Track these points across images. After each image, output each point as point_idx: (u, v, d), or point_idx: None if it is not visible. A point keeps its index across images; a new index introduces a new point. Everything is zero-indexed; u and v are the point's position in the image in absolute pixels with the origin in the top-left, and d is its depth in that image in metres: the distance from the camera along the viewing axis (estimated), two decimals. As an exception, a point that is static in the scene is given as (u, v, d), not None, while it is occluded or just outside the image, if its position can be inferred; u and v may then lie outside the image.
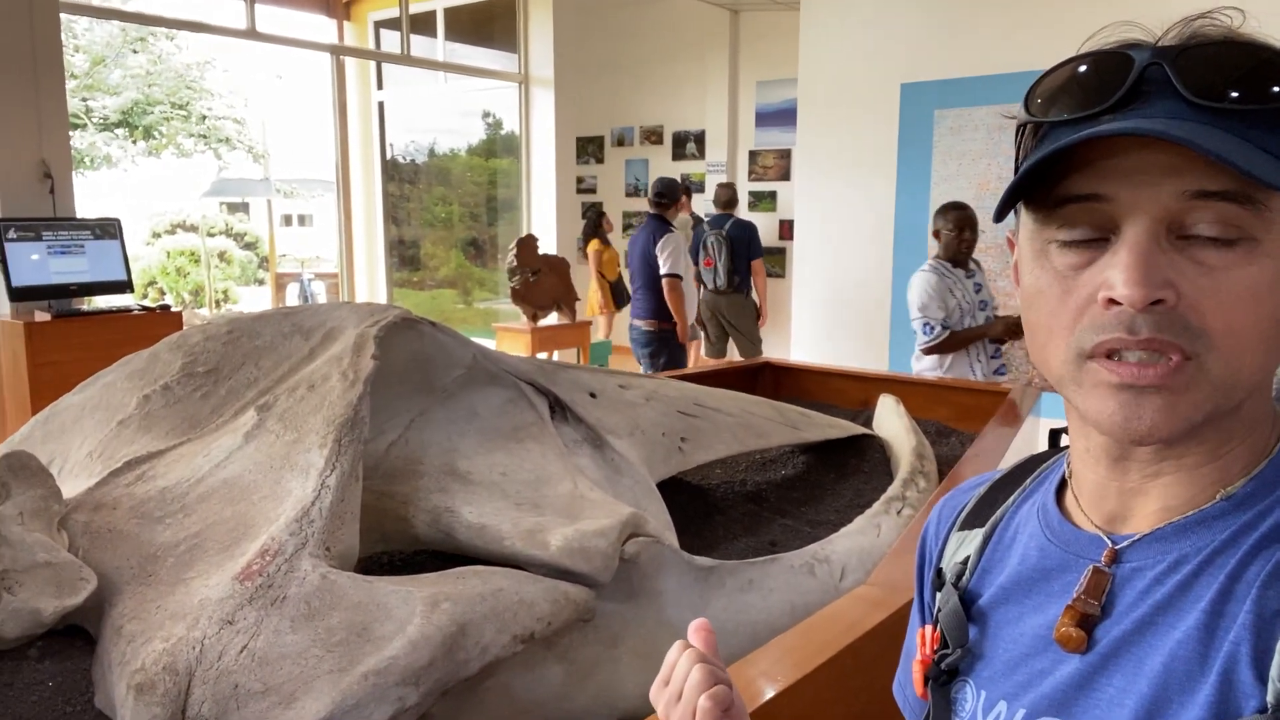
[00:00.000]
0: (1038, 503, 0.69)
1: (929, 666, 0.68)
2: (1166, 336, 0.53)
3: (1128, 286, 0.52)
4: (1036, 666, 0.61)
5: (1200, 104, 0.52)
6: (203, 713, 1.20)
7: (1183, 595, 0.56)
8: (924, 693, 0.69)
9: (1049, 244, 0.58)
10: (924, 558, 0.78)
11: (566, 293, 6.32)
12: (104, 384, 1.85)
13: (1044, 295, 0.58)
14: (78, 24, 10.80)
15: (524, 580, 1.40)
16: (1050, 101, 0.58)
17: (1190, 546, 0.57)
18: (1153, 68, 0.54)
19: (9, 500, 1.40)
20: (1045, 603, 0.62)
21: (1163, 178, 0.53)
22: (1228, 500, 0.58)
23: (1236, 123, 0.52)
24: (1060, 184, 0.56)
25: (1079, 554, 0.62)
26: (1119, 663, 0.57)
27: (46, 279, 4.48)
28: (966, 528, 0.73)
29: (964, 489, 0.78)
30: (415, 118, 8.57)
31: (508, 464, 1.80)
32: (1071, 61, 0.57)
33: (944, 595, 0.70)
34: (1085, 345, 0.55)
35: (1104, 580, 0.59)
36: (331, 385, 1.54)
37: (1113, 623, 0.58)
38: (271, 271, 13.51)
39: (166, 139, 12.81)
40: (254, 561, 1.30)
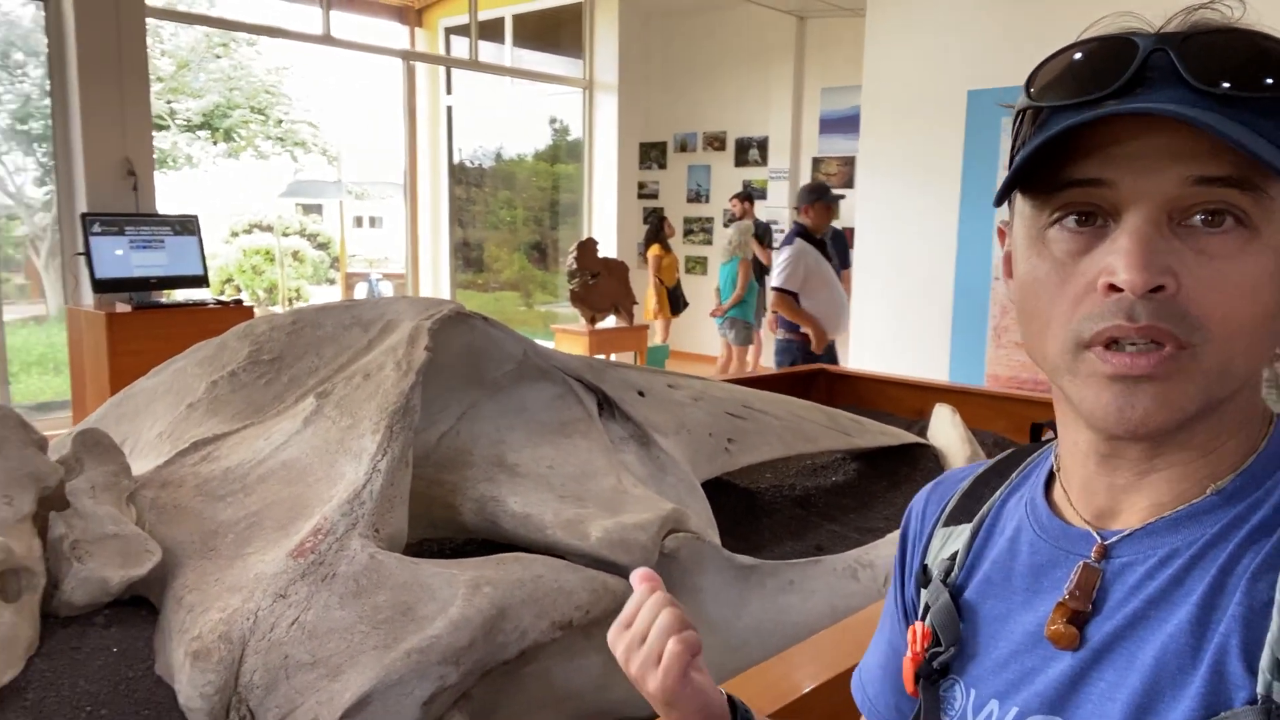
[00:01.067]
0: (1025, 497, 0.68)
1: (920, 664, 0.67)
2: (1164, 325, 0.52)
3: (1129, 271, 0.52)
4: (1027, 664, 0.60)
5: (1205, 90, 0.52)
6: (254, 681, 1.26)
7: (1174, 589, 0.55)
8: (914, 690, 0.68)
9: (1046, 230, 0.57)
10: (905, 553, 0.76)
11: (625, 296, 6.37)
12: (175, 369, 1.94)
13: (1041, 283, 0.57)
14: (164, 29, 11.25)
15: (563, 568, 1.43)
16: (1052, 87, 0.57)
17: (1181, 541, 0.57)
18: (1157, 54, 0.54)
19: (82, 475, 1.48)
20: (1035, 600, 0.62)
21: (1165, 163, 0.52)
22: (1218, 494, 0.57)
23: (1240, 110, 0.52)
24: (1061, 170, 0.55)
25: (1068, 550, 0.61)
26: (1111, 658, 0.56)
27: (128, 272, 4.69)
28: (952, 523, 0.72)
29: (946, 483, 0.76)
30: (482, 122, 8.73)
31: (554, 458, 1.83)
32: (1073, 47, 0.57)
33: (932, 592, 0.69)
34: (1084, 334, 0.55)
35: (1094, 576, 0.58)
36: (386, 374, 1.59)
37: (1104, 619, 0.57)
38: (342, 271, 13.88)
39: (245, 141, 13.25)
40: (307, 539, 1.36)
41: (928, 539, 0.73)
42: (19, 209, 6.98)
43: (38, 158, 6.45)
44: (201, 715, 1.27)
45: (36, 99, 5.65)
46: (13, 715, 1.27)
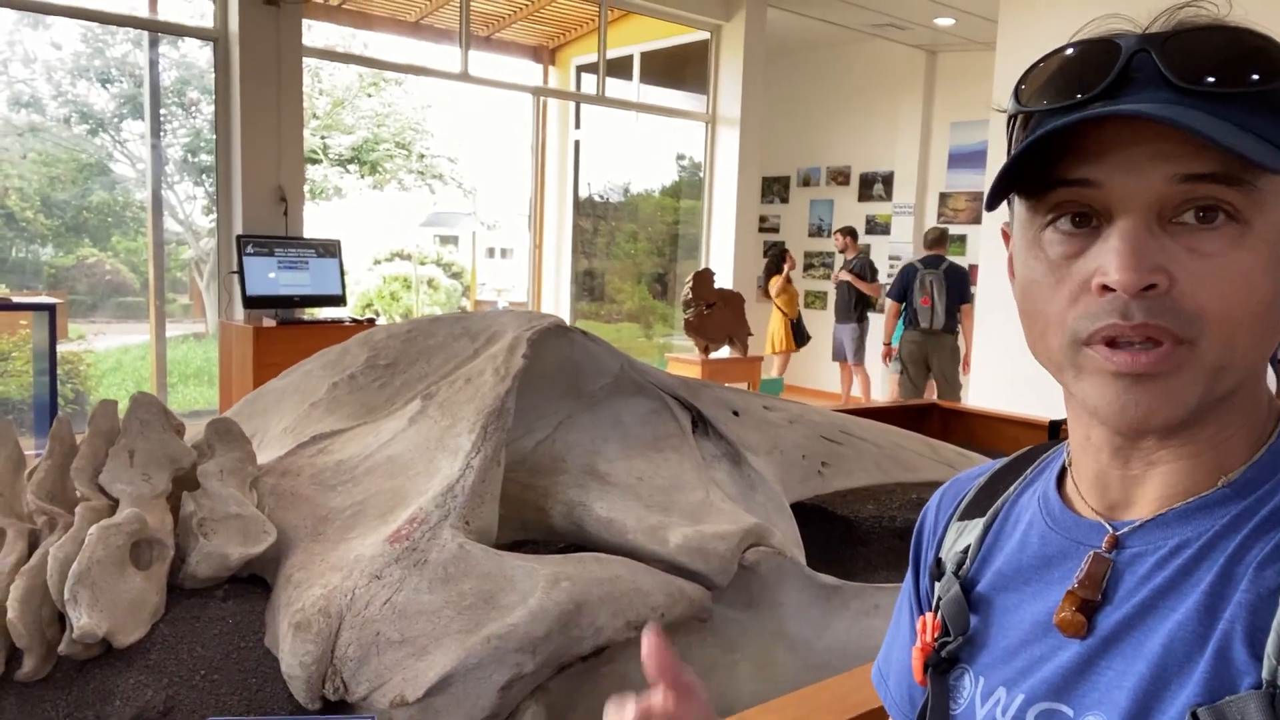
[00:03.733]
0: (1038, 491, 0.68)
1: (929, 654, 0.68)
2: (1160, 322, 0.53)
3: (1120, 272, 0.52)
4: (1036, 653, 0.61)
5: (1187, 88, 0.53)
6: (348, 654, 1.35)
7: (1184, 579, 0.56)
8: (923, 679, 0.69)
9: (1041, 232, 0.58)
10: (920, 547, 0.78)
11: (739, 327, 6.39)
12: (303, 372, 2.11)
13: (1038, 285, 0.58)
14: (324, 69, 12.13)
15: (641, 571, 1.47)
16: (1039, 91, 0.58)
17: (1191, 532, 0.57)
18: (1140, 55, 0.54)
19: (212, 459, 1.63)
20: (1045, 590, 0.62)
21: (1151, 162, 0.53)
22: (1229, 486, 0.57)
23: (1223, 106, 0.52)
24: (1052, 171, 0.56)
25: (1080, 541, 0.62)
26: (1119, 647, 0.57)
27: (275, 290, 5.08)
28: (966, 517, 0.73)
29: (964, 479, 0.78)
30: (609, 156, 8.98)
31: (645, 470, 1.88)
32: (1059, 51, 0.58)
33: (944, 584, 0.70)
34: (1081, 333, 0.55)
35: (1104, 566, 0.59)
36: (485, 379, 1.69)
37: (1113, 608, 0.58)
38: (472, 299, 14.46)
39: (390, 175, 14.06)
40: (403, 527, 1.45)
41: (942, 533, 0.74)
42: (187, 235, 7.65)
43: (206, 188, 7.07)
44: (301, 683, 1.37)
45: (206, 133, 6.20)
46: (135, 673, 1.41)
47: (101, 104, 7.79)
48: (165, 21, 5.67)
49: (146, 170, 5.85)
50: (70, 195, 7.29)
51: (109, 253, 7.51)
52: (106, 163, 7.79)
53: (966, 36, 8.24)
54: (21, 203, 6.95)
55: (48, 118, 7.46)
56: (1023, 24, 5.60)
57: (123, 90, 7.62)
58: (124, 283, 7.48)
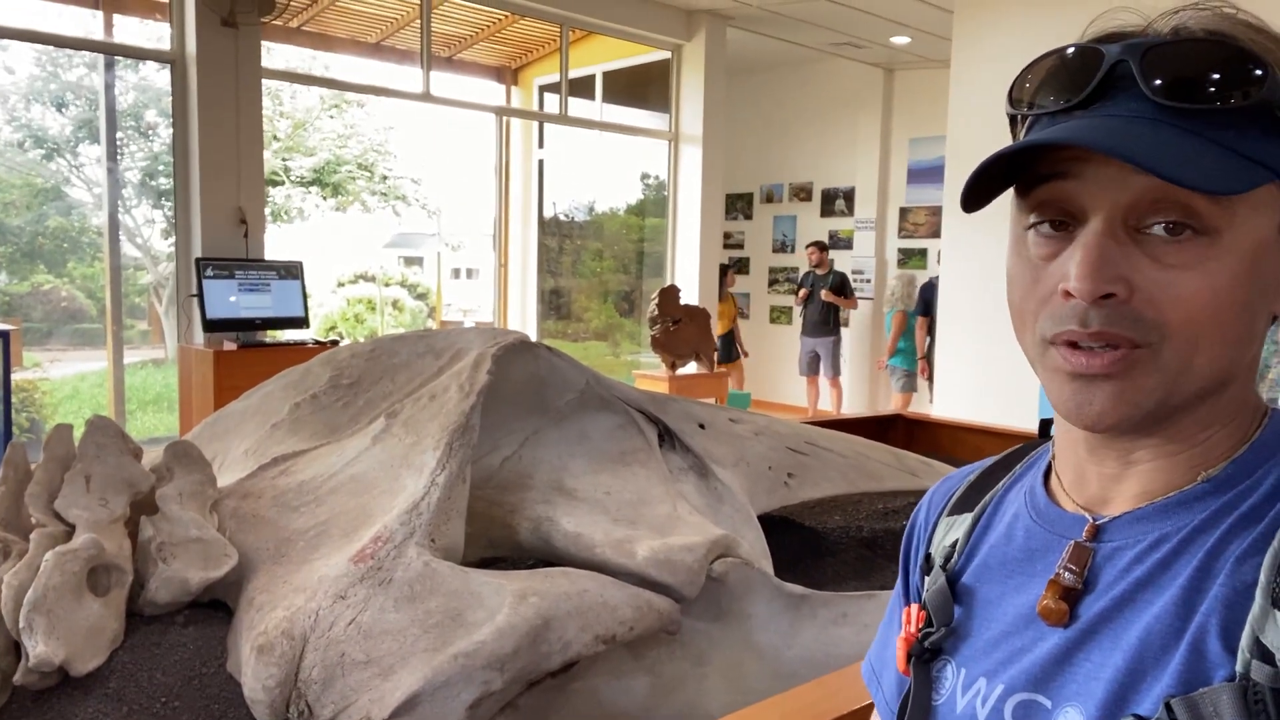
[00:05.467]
0: (1025, 486, 0.70)
1: (912, 644, 0.69)
2: (1116, 330, 0.54)
3: (1079, 280, 0.54)
4: (1017, 643, 0.62)
5: (1162, 103, 0.54)
6: (313, 676, 1.33)
7: (1162, 572, 0.56)
8: (906, 670, 0.70)
9: (1026, 232, 0.60)
10: (912, 542, 0.79)
11: (705, 343, 6.42)
12: (264, 393, 2.08)
13: (1018, 283, 0.60)
14: (284, 91, 12.04)
15: (609, 584, 1.47)
16: (1028, 95, 0.60)
17: (1171, 526, 0.58)
18: (1121, 64, 0.55)
19: (171, 483, 1.61)
20: (1028, 582, 0.63)
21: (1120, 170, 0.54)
22: (1209, 482, 0.58)
23: (1195, 121, 0.53)
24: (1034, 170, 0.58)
25: (1062, 534, 0.63)
26: (1098, 638, 0.57)
27: (236, 313, 5.01)
28: (955, 513, 0.74)
29: (955, 477, 0.79)
30: (572, 175, 9.00)
31: (612, 484, 1.88)
32: (1050, 55, 0.59)
33: (932, 577, 0.71)
34: (1045, 334, 0.58)
35: (1085, 554, 0.60)
36: (450, 396, 1.68)
37: (1094, 599, 0.59)
38: (437, 319, 14.38)
39: (353, 196, 13.97)
40: (367, 546, 1.44)
41: (932, 528, 0.76)
42: (145, 259, 7.53)
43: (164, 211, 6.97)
44: (264, 708, 1.35)
45: (164, 157, 6.13)
46: (95, 701, 1.38)
47: (57, 128, 7.67)
48: (122, 44, 5.61)
49: (103, 194, 5.76)
50: (25, 221, 7.15)
51: (65, 279, 7.37)
52: (62, 187, 7.66)
53: (922, 54, 8.40)
54: (-27, 228, 6.82)
55: (1, 142, 7.33)
56: (976, 42, 5.73)
57: (78, 114, 7.51)
58: (80, 309, 7.34)
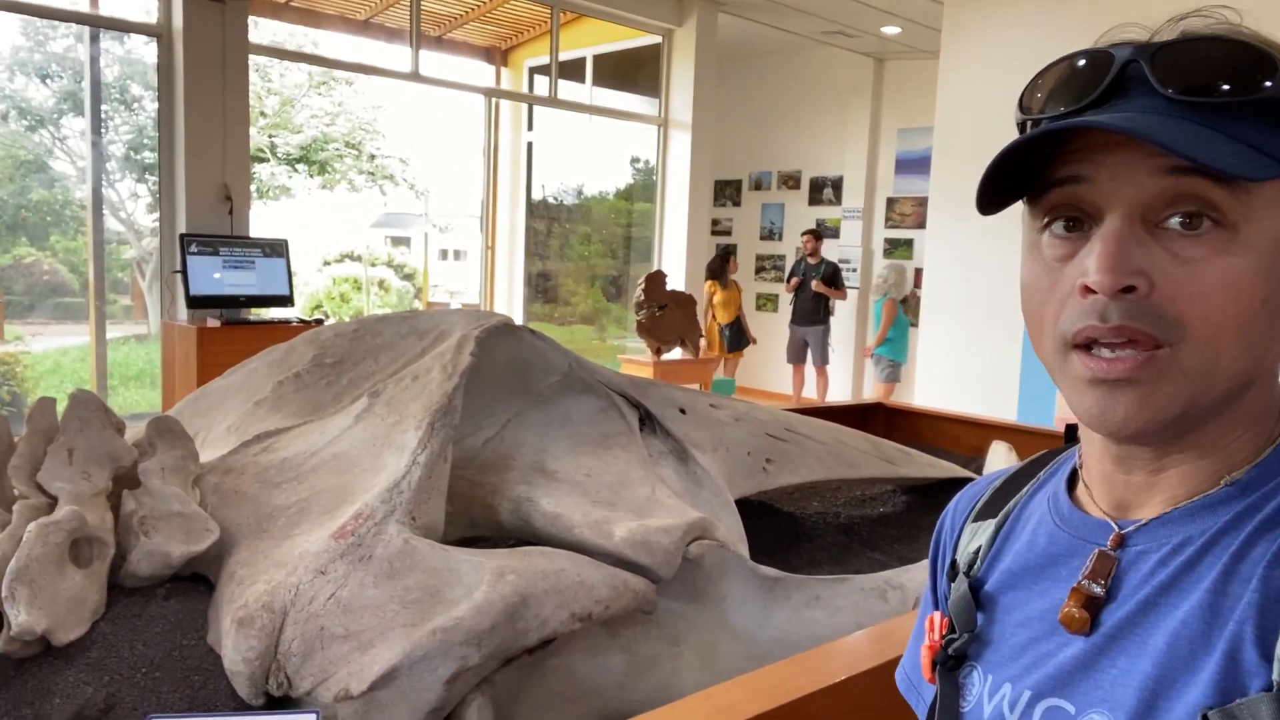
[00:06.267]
0: (1049, 492, 0.70)
1: (937, 651, 0.69)
2: (1137, 325, 0.54)
3: (1098, 273, 0.54)
4: (1042, 649, 0.62)
5: (1175, 99, 0.54)
6: (292, 649, 1.35)
7: (1186, 576, 0.56)
8: (931, 677, 0.70)
9: (1039, 235, 0.60)
10: (938, 550, 0.79)
11: (691, 329, 6.45)
12: (247, 370, 2.09)
13: (1035, 287, 0.60)
14: (272, 67, 11.93)
15: (586, 564, 1.50)
16: (1041, 99, 0.61)
17: (1195, 530, 0.58)
18: (1132, 65, 0.56)
19: (153, 457, 1.62)
20: (1052, 588, 0.63)
21: (1138, 160, 0.55)
22: (1232, 485, 0.58)
23: (1208, 115, 0.54)
24: (1047, 174, 0.59)
25: (1086, 539, 0.63)
26: (1123, 644, 0.57)
27: (220, 290, 4.99)
28: (980, 519, 0.74)
29: (981, 483, 0.79)
30: (562, 158, 8.98)
31: (593, 467, 1.91)
32: (1062, 60, 0.60)
33: (956, 584, 0.71)
34: (1066, 333, 0.57)
35: (1109, 563, 0.60)
36: (432, 377, 1.70)
37: (1117, 605, 0.59)
38: (424, 300, 14.34)
39: (340, 175, 13.88)
40: (348, 523, 1.46)
41: (958, 535, 0.76)
42: (129, 234, 7.48)
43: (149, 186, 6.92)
44: (244, 679, 1.37)
45: (149, 131, 6.08)
46: (76, 671, 1.39)
47: (41, 99, 7.58)
48: (108, 17, 5.55)
49: (87, 168, 5.71)
50: (7, 193, 7.08)
51: (47, 252, 7.31)
52: (45, 160, 7.58)
53: (913, 45, 8.42)
54: (-46, 200, 6.75)
55: (-17, 113, 7.25)
56: (966, 34, 5.75)
57: (63, 86, 7.43)
58: (62, 283, 7.29)
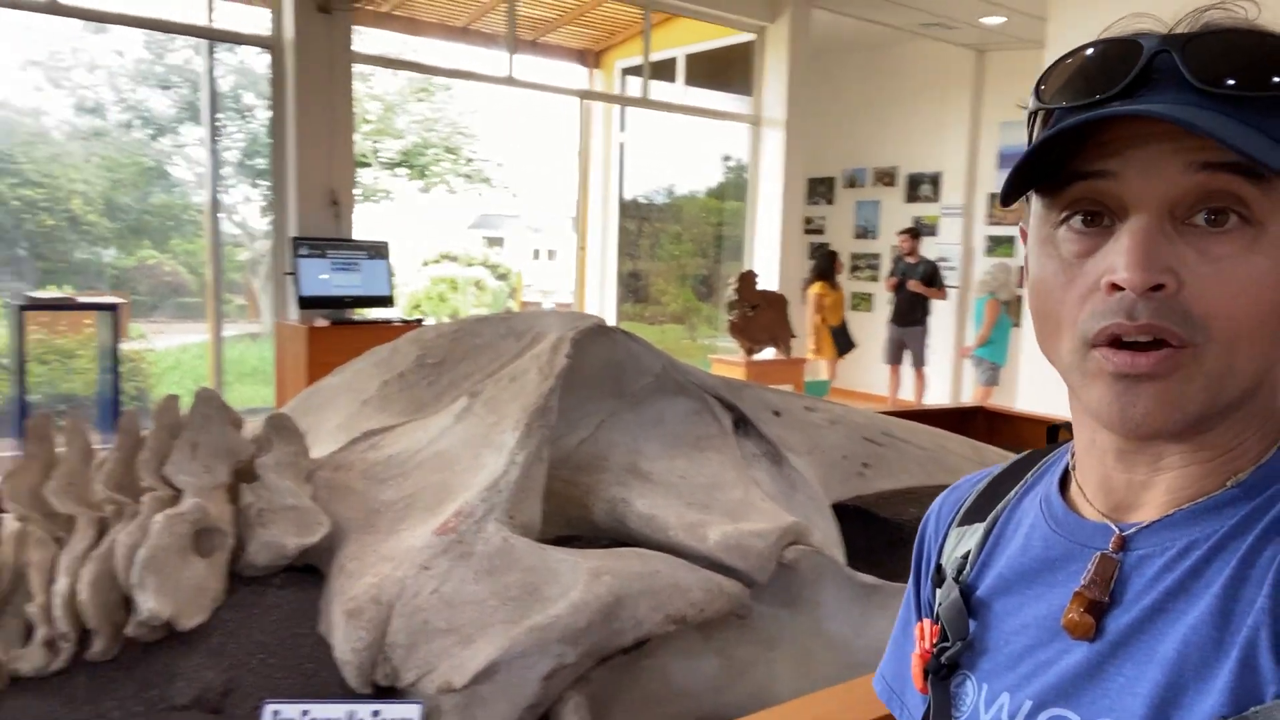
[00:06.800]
0: (1040, 494, 0.67)
1: (929, 660, 0.67)
2: (1165, 323, 0.52)
3: (1128, 270, 0.52)
4: (1041, 657, 0.60)
5: (1206, 90, 0.53)
6: (398, 641, 1.40)
7: (1194, 581, 0.55)
8: (923, 687, 0.68)
9: (1055, 230, 0.58)
10: (921, 554, 0.76)
11: (783, 329, 6.38)
12: (355, 370, 2.17)
13: (1050, 283, 0.58)
14: (375, 75, 12.35)
15: (680, 566, 1.50)
16: (1060, 88, 0.58)
17: (1200, 532, 0.56)
18: (1161, 55, 0.54)
19: (270, 453, 1.70)
20: (1048, 593, 0.61)
21: (1169, 154, 0.53)
22: (1238, 487, 0.56)
23: (1243, 109, 0.52)
24: (1068, 166, 0.56)
25: (1084, 543, 0.61)
26: (1129, 651, 0.55)
27: (327, 291, 5.20)
28: (966, 523, 0.71)
29: (963, 485, 0.76)
30: (653, 158, 9.02)
31: (686, 469, 1.91)
32: (1082, 49, 0.58)
33: (945, 590, 0.68)
34: (1088, 332, 0.55)
35: (1111, 567, 0.58)
36: (529, 378, 1.73)
37: (1122, 611, 0.57)
38: (518, 300, 14.62)
39: (438, 178, 14.27)
40: (450, 520, 1.50)
41: (943, 539, 0.73)
42: (243, 237, 7.86)
43: (261, 191, 7.25)
44: (353, 668, 1.43)
45: (262, 138, 6.37)
46: (197, 655, 1.47)
47: (161, 109, 8.03)
48: (223, 30, 5.84)
49: (205, 174, 6.02)
50: (132, 198, 7.53)
51: (168, 254, 7.74)
52: (166, 166, 8.03)
53: (1016, 35, 8.12)
54: (85, 206, 7.20)
55: (110, 123, 7.72)
56: (1073, 22, 5.52)
57: (182, 96, 7.85)
58: (183, 283, 7.71)
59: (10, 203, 6.54)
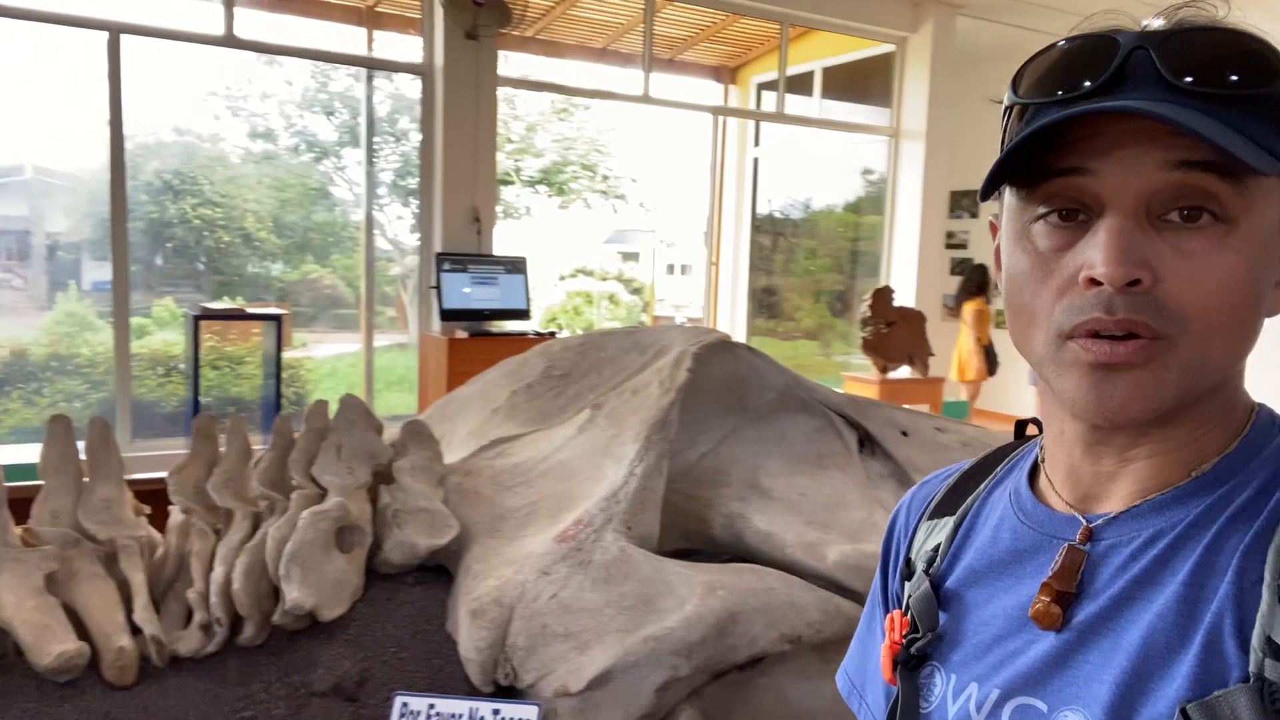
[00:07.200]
0: (1009, 487, 0.68)
1: (898, 651, 0.67)
2: (1141, 317, 0.53)
3: (1106, 265, 0.53)
4: (1009, 647, 0.60)
5: (1182, 87, 0.53)
6: (518, 643, 1.46)
7: (1160, 569, 0.55)
8: (892, 678, 0.68)
9: (1031, 224, 0.58)
10: (890, 548, 0.77)
11: (920, 347, 6.18)
12: (486, 380, 2.27)
13: (1025, 278, 0.58)
14: (518, 96, 12.82)
15: (797, 585, 1.49)
16: (1037, 83, 0.58)
17: (1165, 522, 0.57)
18: (1138, 52, 0.54)
19: (406, 457, 1.79)
20: (1017, 584, 0.62)
21: (1145, 152, 0.53)
22: (1201, 477, 0.57)
23: (1218, 106, 0.53)
24: (1044, 162, 0.56)
25: (1053, 534, 0.61)
26: (1096, 639, 0.56)
27: (468, 304, 5.43)
28: (936, 516, 0.72)
29: (933, 480, 0.77)
30: (788, 172, 8.95)
31: (808, 486, 1.89)
32: (1058, 44, 0.58)
33: (914, 582, 0.69)
34: (1065, 326, 0.56)
35: (1079, 558, 0.59)
36: (650, 391, 1.76)
37: (1089, 600, 0.57)
38: (650, 314, 14.78)
39: (575, 195, 14.65)
40: (569, 528, 1.54)
41: (912, 533, 0.74)
42: (394, 252, 8.31)
43: (411, 209, 7.65)
44: (476, 667, 1.49)
45: (413, 159, 6.73)
46: (336, 645, 1.57)
47: (325, 134, 8.60)
48: (381, 59, 6.21)
49: (362, 193, 6.41)
50: (297, 216, 8.10)
51: (329, 269, 8.27)
52: (328, 187, 8.59)
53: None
54: (257, 224, 7.80)
55: (279, 147, 8.33)
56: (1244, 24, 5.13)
57: (343, 121, 8.39)
58: (340, 296, 8.22)
59: (192, 221, 7.17)
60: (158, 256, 7.06)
